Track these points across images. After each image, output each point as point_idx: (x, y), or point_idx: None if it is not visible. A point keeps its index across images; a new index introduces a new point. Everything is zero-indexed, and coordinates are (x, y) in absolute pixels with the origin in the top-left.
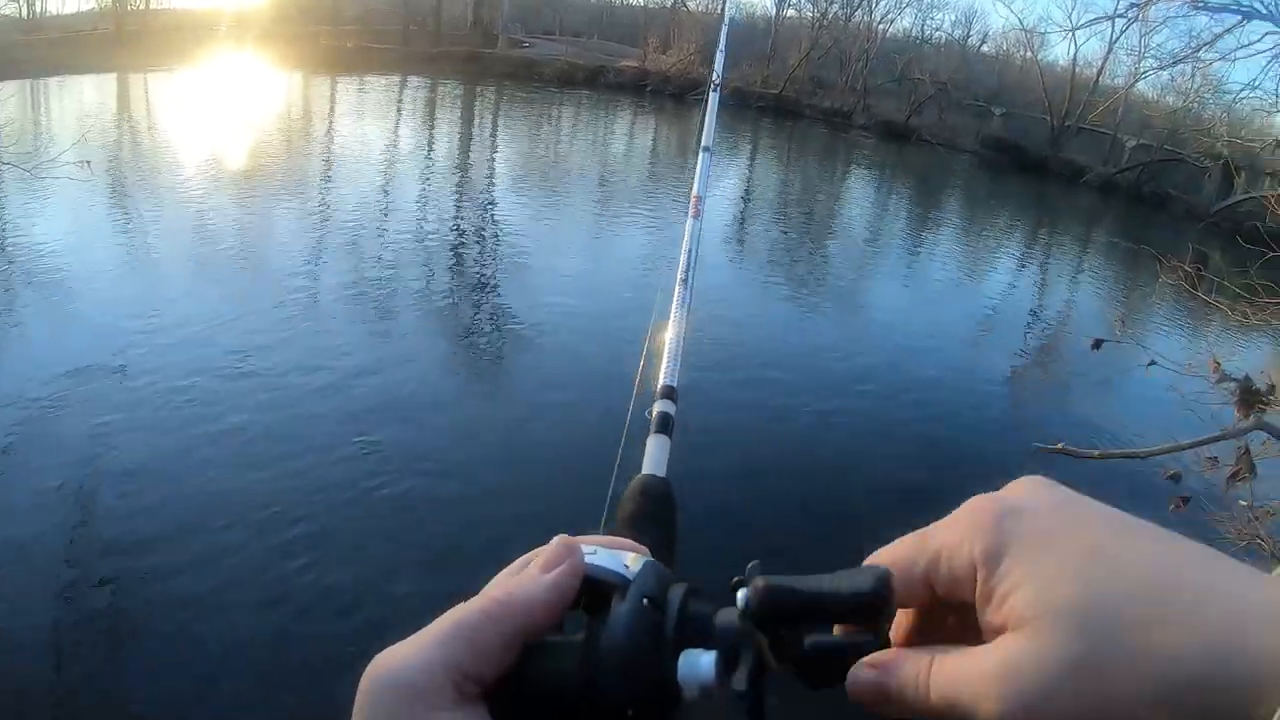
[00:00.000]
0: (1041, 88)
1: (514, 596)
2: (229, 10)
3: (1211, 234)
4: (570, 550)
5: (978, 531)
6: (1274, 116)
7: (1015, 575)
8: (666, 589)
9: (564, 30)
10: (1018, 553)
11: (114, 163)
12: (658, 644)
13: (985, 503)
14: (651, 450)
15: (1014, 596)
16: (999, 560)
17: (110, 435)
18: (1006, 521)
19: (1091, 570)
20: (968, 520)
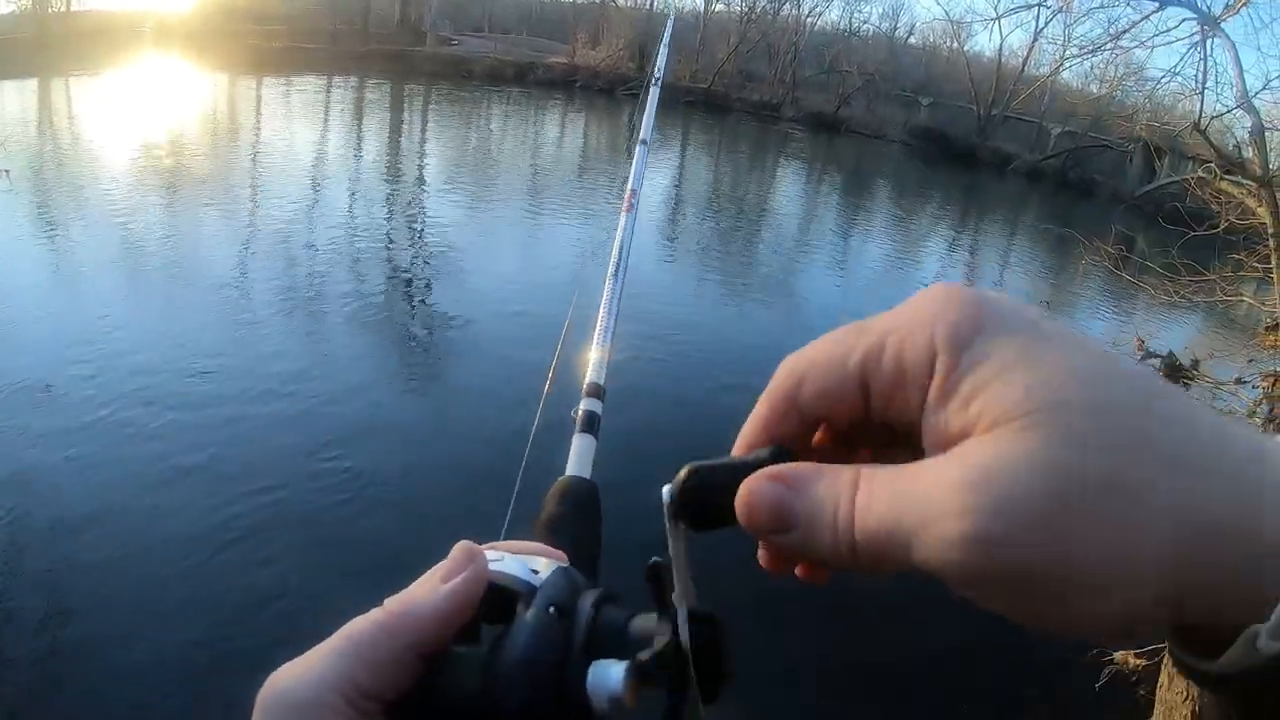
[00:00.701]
0: (968, 78)
1: (408, 608)
2: (153, 12)
3: (1135, 216)
4: (471, 557)
5: (944, 309)
6: (1193, 101)
7: (996, 362)
8: (577, 596)
9: (493, 27)
10: (1000, 337)
11: (36, 170)
12: (564, 655)
13: (950, 285)
14: (576, 450)
15: (993, 388)
16: (971, 343)
17: (37, 456)
18: (984, 304)
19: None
20: (928, 300)
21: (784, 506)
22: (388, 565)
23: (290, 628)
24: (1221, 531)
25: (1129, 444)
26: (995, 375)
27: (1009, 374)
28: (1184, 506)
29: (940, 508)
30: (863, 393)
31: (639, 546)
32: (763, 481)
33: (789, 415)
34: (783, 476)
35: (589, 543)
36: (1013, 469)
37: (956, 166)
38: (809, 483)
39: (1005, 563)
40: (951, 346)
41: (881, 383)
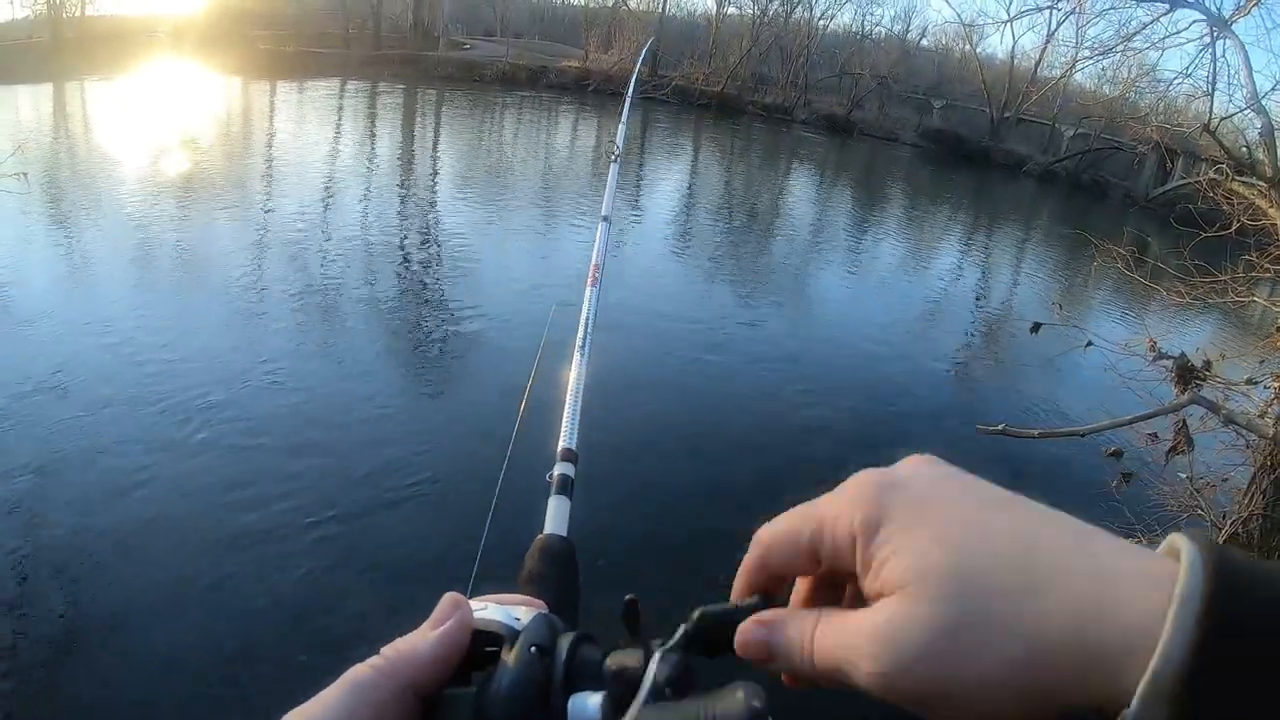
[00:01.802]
0: (981, 80)
1: (401, 652)
2: (167, 16)
3: (1148, 218)
4: (457, 605)
5: (858, 502)
6: (1204, 102)
7: (891, 544)
8: (556, 637)
9: (505, 31)
10: (894, 523)
11: (52, 173)
12: (545, 689)
13: (867, 476)
14: (553, 511)
15: (889, 564)
16: (876, 530)
17: (50, 453)
18: (885, 494)
19: (963, 539)
20: (850, 492)
21: (767, 644)
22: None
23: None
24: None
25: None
26: (891, 554)
27: (898, 553)
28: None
29: (859, 651)
30: (815, 561)
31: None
32: (752, 626)
33: (764, 574)
34: (765, 621)
35: (568, 594)
36: (897, 626)
37: (969, 169)
38: (783, 626)
39: (902, 689)
40: (863, 533)
41: (825, 555)
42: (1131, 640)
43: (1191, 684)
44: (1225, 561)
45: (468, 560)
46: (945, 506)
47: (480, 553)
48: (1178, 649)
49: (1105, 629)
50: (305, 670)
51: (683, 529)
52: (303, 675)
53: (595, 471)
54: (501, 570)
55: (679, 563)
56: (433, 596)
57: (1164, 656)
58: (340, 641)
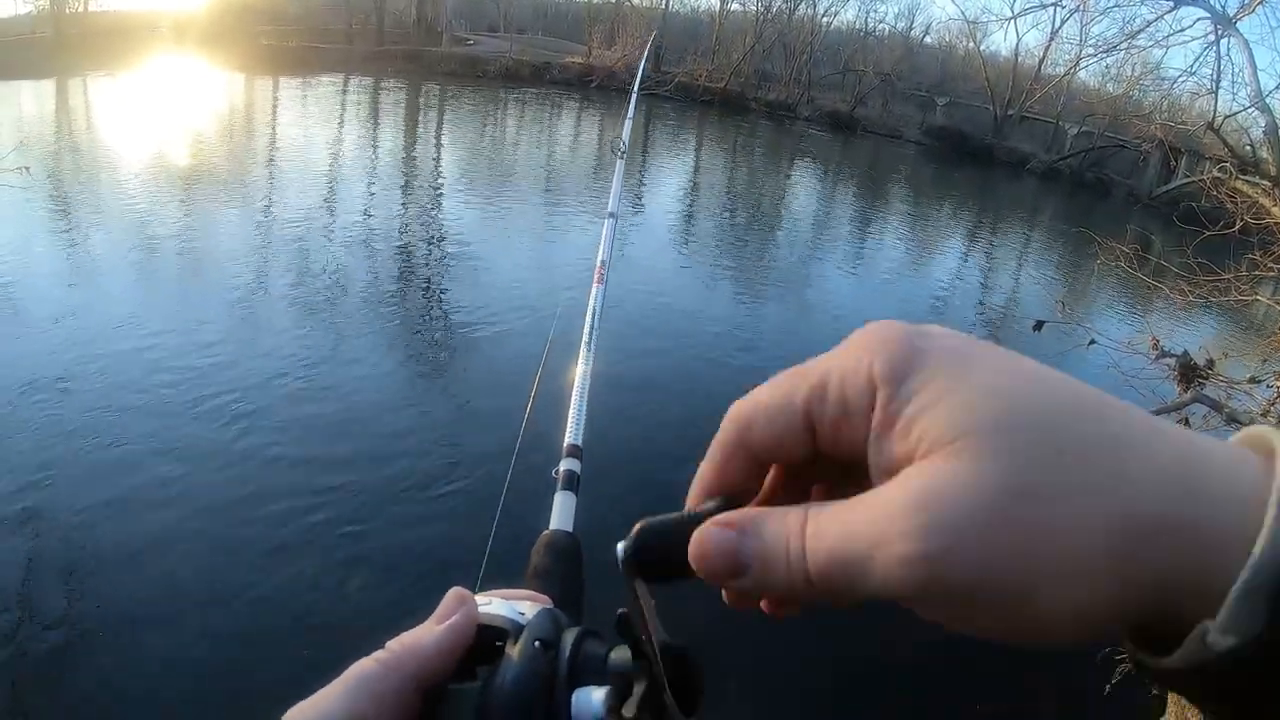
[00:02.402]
0: (984, 77)
1: (407, 646)
2: (169, 12)
3: (1152, 216)
4: (463, 600)
5: (880, 345)
6: (1209, 100)
7: (930, 391)
8: (560, 632)
9: (508, 27)
10: (931, 366)
11: (55, 168)
12: (550, 683)
13: (885, 323)
14: (559, 506)
15: (929, 415)
16: (906, 375)
17: (50, 451)
18: (914, 338)
19: (1026, 388)
20: (864, 338)
21: (736, 551)
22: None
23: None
24: (1157, 529)
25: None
26: (929, 404)
27: (941, 402)
28: (1113, 507)
29: (886, 532)
30: (810, 431)
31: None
32: (712, 529)
33: (740, 460)
34: (732, 522)
35: (573, 589)
36: (948, 490)
37: (972, 166)
38: (758, 525)
39: (953, 577)
40: (889, 380)
41: (827, 419)
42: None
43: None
44: None
45: (476, 555)
46: (993, 356)
47: (489, 548)
48: None
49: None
50: (312, 665)
51: None
52: (309, 670)
53: (602, 466)
54: (510, 565)
55: None
56: (440, 592)
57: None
58: (346, 637)
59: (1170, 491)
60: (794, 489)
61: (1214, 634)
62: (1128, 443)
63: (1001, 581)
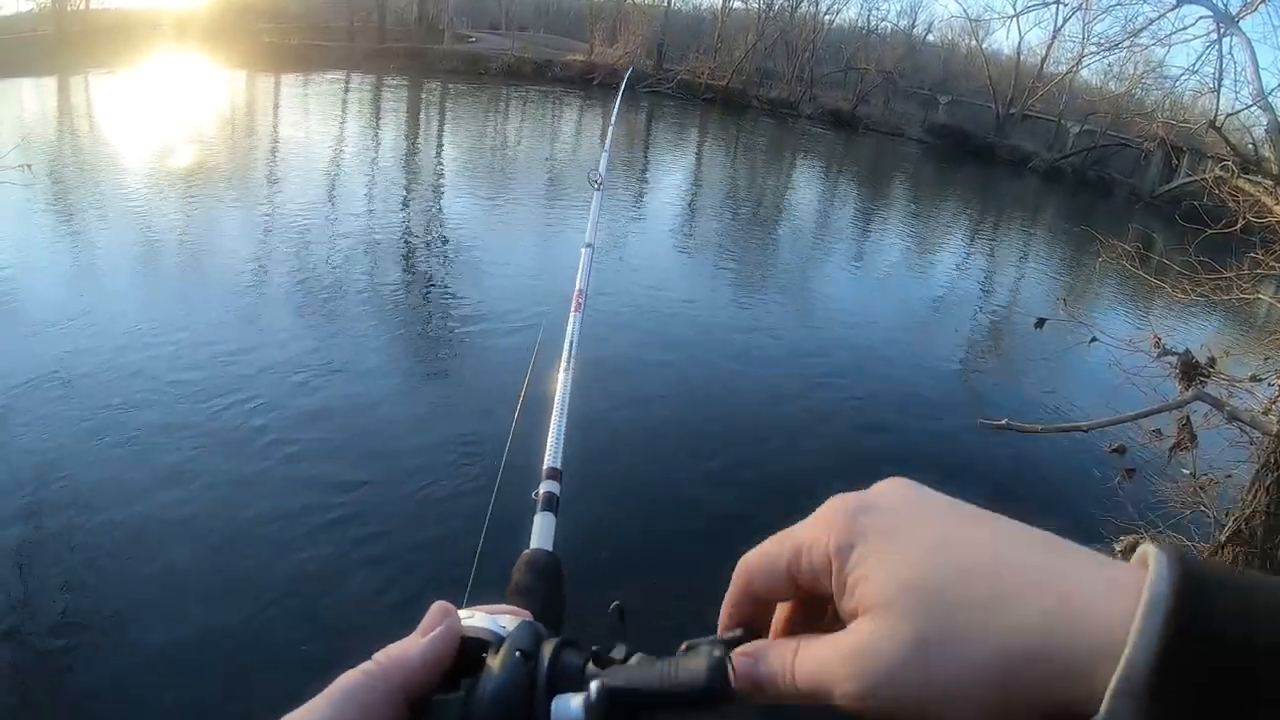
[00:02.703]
0: (987, 76)
1: (393, 658)
2: (171, 10)
3: (1154, 215)
4: (446, 613)
5: (832, 526)
6: (1211, 99)
7: (865, 565)
8: (540, 643)
9: (510, 24)
10: (867, 544)
11: (56, 166)
12: (530, 692)
13: (841, 500)
14: (539, 526)
15: (863, 584)
16: (849, 551)
17: (53, 446)
18: (858, 517)
19: (933, 557)
20: (825, 516)
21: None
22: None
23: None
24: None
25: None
26: (864, 575)
27: (872, 574)
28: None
29: (837, 673)
30: (795, 584)
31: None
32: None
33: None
34: (749, 652)
35: (553, 606)
36: (870, 645)
37: (974, 164)
38: (766, 655)
39: (879, 707)
40: (838, 555)
41: (804, 580)
42: (1100, 646)
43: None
44: (1192, 568)
45: (462, 570)
46: (916, 526)
47: (475, 565)
48: (1145, 651)
49: (1074, 636)
50: (304, 668)
51: (676, 539)
52: (302, 672)
53: (588, 475)
54: (497, 582)
55: (666, 575)
56: (426, 605)
57: (1131, 660)
58: (338, 642)
59: (1044, 628)
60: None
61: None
62: (1007, 597)
63: (914, 708)
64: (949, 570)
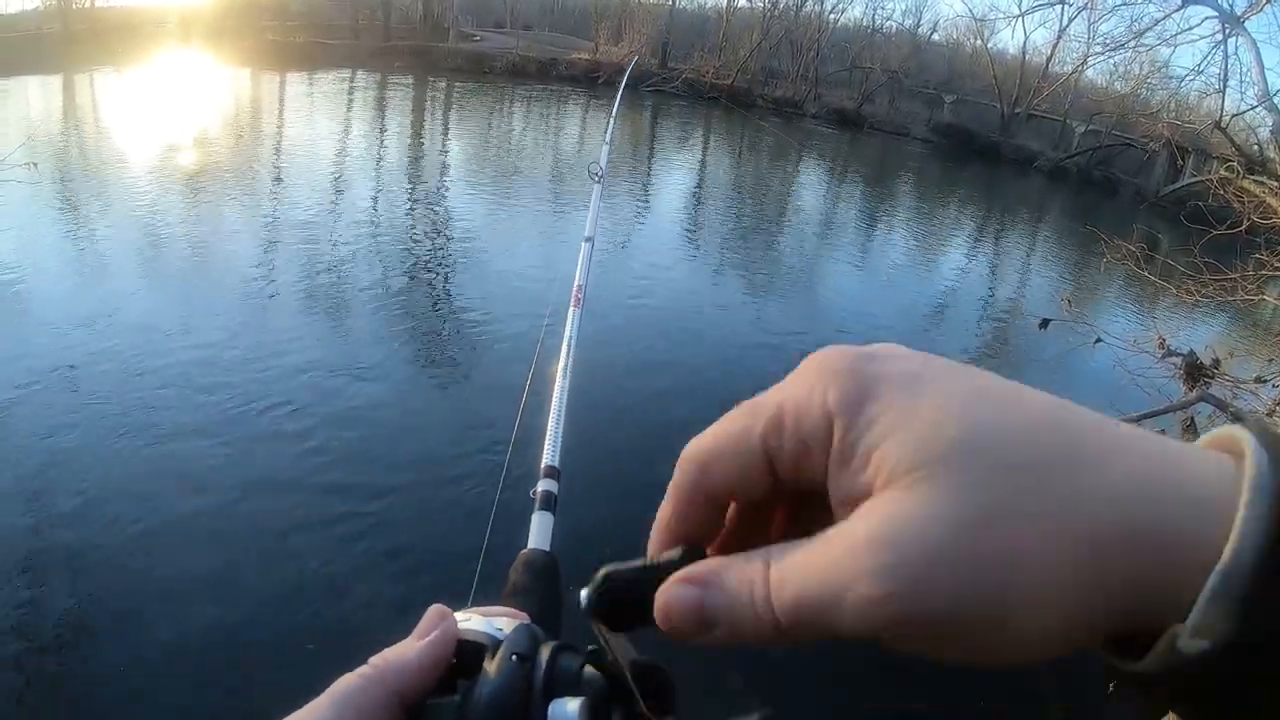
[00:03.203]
0: (992, 75)
1: (389, 661)
2: (176, 8)
3: (1159, 215)
4: (443, 616)
5: (831, 376)
6: (1216, 99)
7: (885, 421)
8: (537, 646)
9: (515, 23)
10: (886, 394)
11: (62, 164)
12: (526, 696)
13: (835, 349)
14: (536, 526)
15: (886, 446)
16: (861, 405)
17: (58, 444)
18: (866, 364)
19: (980, 408)
20: (815, 366)
21: (701, 608)
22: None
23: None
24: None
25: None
26: (886, 434)
27: (897, 431)
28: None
29: (853, 572)
30: (769, 467)
31: None
32: (675, 588)
33: (700, 503)
34: (694, 577)
35: (551, 606)
36: (910, 524)
37: (979, 164)
38: (721, 578)
39: (924, 613)
40: (844, 410)
41: (785, 454)
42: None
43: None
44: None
45: (465, 571)
46: (945, 376)
47: (480, 564)
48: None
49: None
50: (306, 667)
51: None
52: (304, 672)
53: (587, 473)
54: (500, 581)
55: None
56: (424, 608)
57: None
58: (337, 645)
59: (1133, 502)
60: (752, 521)
61: (1184, 639)
62: (1086, 458)
63: (973, 612)
64: (1004, 424)
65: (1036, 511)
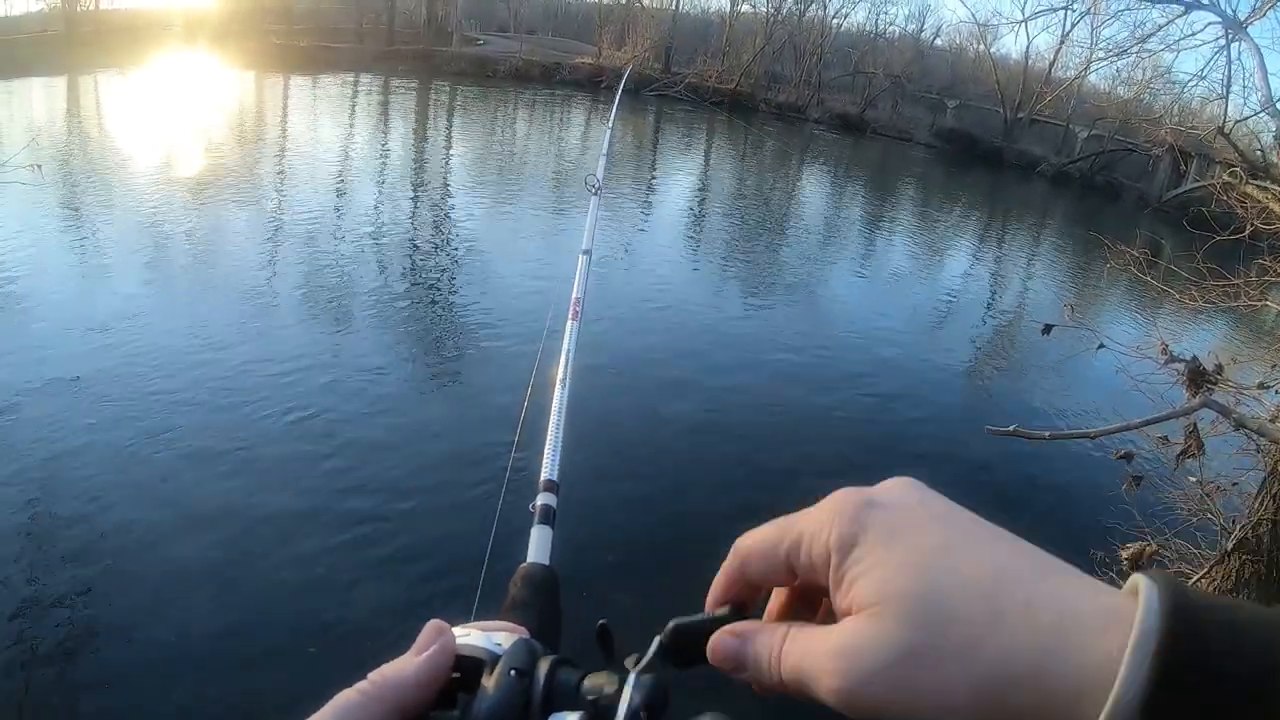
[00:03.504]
0: (995, 80)
1: (388, 677)
2: (181, 10)
3: (1161, 221)
4: (441, 631)
5: (836, 519)
6: (1220, 105)
7: (864, 563)
8: (535, 660)
9: (518, 27)
10: (869, 542)
11: (66, 166)
12: (525, 710)
13: (847, 494)
14: (535, 540)
15: (860, 582)
16: (850, 548)
17: (64, 447)
18: (862, 513)
19: (933, 565)
20: (830, 509)
21: (738, 654)
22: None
23: None
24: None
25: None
26: (862, 573)
27: (870, 573)
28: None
29: (823, 666)
30: (792, 573)
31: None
32: (723, 637)
33: (740, 583)
34: (736, 632)
35: (550, 620)
36: (860, 645)
37: (982, 169)
38: (754, 637)
39: (861, 707)
40: (838, 550)
41: (801, 569)
42: (1089, 679)
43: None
44: (1183, 602)
45: (465, 584)
46: (919, 531)
47: (482, 577)
48: (1133, 688)
49: (1063, 667)
50: (306, 677)
51: (676, 550)
52: (304, 681)
53: (586, 486)
54: (501, 595)
55: (665, 589)
56: (425, 622)
57: (1119, 698)
58: (340, 655)
59: (1036, 654)
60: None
61: None
62: (1006, 616)
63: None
64: (947, 581)
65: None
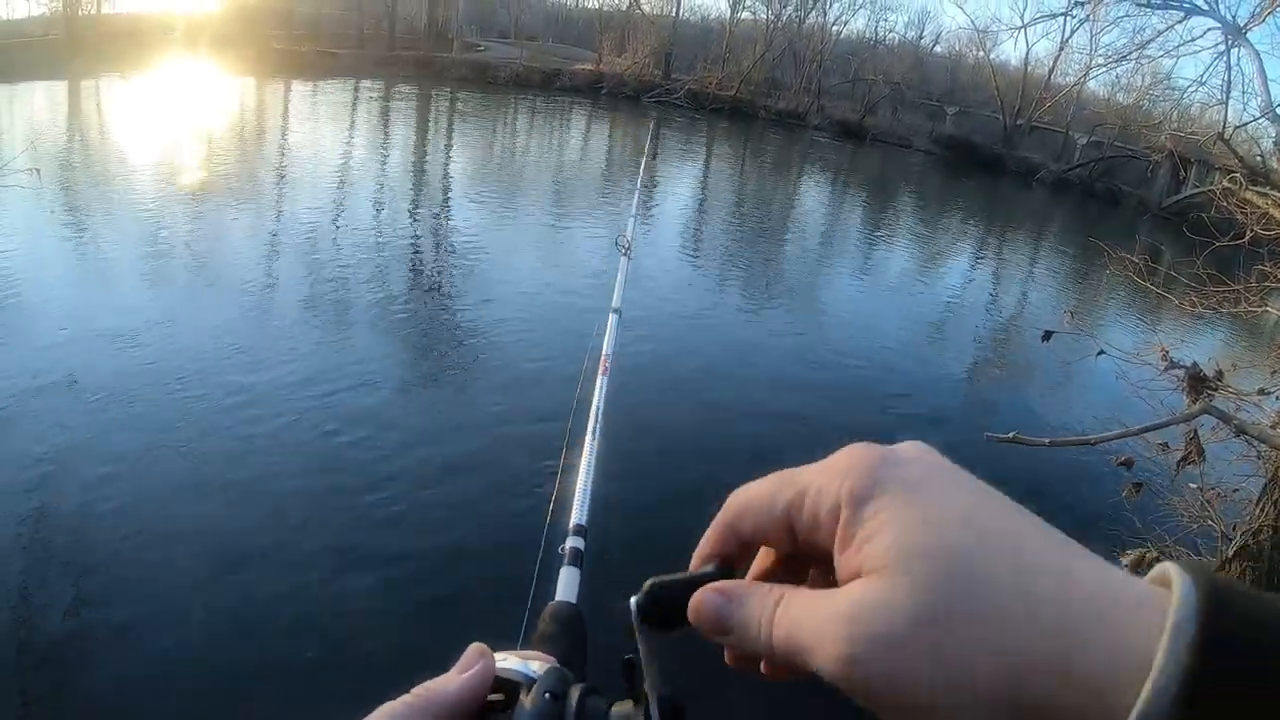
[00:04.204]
0: (994, 87)
1: (432, 691)
2: (182, 15)
3: (1161, 227)
4: (482, 654)
5: (850, 472)
6: (1219, 111)
7: (880, 519)
8: (568, 687)
9: (519, 33)
10: (887, 497)
11: (65, 170)
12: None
13: (862, 447)
14: (564, 580)
15: (875, 540)
16: (865, 502)
17: (60, 452)
18: (880, 468)
19: (959, 525)
20: (842, 462)
21: (722, 614)
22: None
23: None
24: (1042, 669)
25: (961, 588)
26: (877, 530)
27: (885, 529)
28: (1003, 642)
29: (826, 632)
30: (790, 530)
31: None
32: (708, 594)
33: (732, 540)
34: (724, 590)
35: (577, 656)
36: (872, 608)
37: (982, 175)
38: (743, 597)
39: (867, 680)
40: (850, 504)
41: (801, 526)
42: (1123, 668)
43: (1184, 715)
44: (1217, 590)
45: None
46: (943, 490)
47: (527, 612)
48: (1171, 679)
49: (1096, 653)
50: (320, 690)
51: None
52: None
53: (613, 527)
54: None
55: None
56: (463, 646)
57: (1157, 686)
58: (361, 671)
59: (1063, 635)
60: (793, 567)
61: None
62: (1035, 585)
63: (905, 689)
64: (974, 544)
65: (975, 622)
